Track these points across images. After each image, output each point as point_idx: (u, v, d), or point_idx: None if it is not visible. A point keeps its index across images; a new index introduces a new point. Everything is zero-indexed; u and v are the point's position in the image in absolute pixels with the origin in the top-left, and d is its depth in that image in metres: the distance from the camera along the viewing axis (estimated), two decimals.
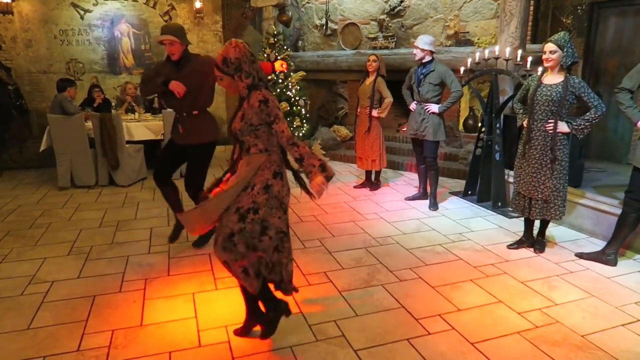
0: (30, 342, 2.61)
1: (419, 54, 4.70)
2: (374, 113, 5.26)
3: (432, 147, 4.85)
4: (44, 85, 7.04)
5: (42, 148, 5.79)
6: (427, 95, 4.76)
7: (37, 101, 7.00)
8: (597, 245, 3.82)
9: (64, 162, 5.64)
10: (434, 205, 4.93)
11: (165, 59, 3.62)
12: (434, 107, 4.74)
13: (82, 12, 7.11)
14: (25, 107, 6.76)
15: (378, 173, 5.74)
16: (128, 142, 5.88)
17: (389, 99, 5.14)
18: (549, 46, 3.37)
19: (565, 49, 3.32)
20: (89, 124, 5.66)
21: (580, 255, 3.70)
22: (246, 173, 2.35)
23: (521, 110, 3.74)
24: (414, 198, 5.25)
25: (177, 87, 3.41)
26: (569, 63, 3.34)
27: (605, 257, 3.58)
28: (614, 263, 3.56)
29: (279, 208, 2.39)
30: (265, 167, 2.36)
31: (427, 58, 4.71)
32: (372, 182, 5.73)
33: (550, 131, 3.45)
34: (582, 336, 2.66)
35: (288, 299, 2.61)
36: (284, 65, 3.88)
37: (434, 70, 4.70)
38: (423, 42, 4.66)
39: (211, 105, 3.73)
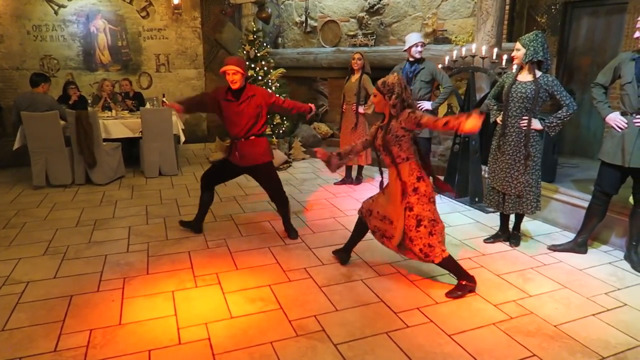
0: (5, 343, 2.56)
1: (419, 50, 4.70)
2: (361, 110, 5.30)
3: (426, 144, 4.88)
4: (17, 82, 6.87)
5: (15, 146, 5.63)
6: (419, 93, 4.79)
7: (10, 98, 6.80)
8: (570, 238, 3.91)
9: (38, 161, 5.51)
10: None
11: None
12: (427, 105, 4.77)
13: (56, 8, 6.96)
14: None
15: (361, 169, 5.78)
16: (105, 140, 5.78)
17: None
18: (516, 44, 3.54)
19: (527, 48, 3.43)
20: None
21: (554, 248, 3.81)
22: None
23: (495, 107, 3.82)
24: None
25: None
26: (527, 60, 3.45)
27: (577, 246, 3.75)
28: (584, 251, 3.74)
29: (428, 202, 2.96)
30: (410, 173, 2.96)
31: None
32: (352, 178, 5.76)
33: (524, 128, 3.54)
34: (555, 326, 2.74)
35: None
36: None
37: (424, 68, 4.74)
38: (417, 36, 4.66)
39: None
